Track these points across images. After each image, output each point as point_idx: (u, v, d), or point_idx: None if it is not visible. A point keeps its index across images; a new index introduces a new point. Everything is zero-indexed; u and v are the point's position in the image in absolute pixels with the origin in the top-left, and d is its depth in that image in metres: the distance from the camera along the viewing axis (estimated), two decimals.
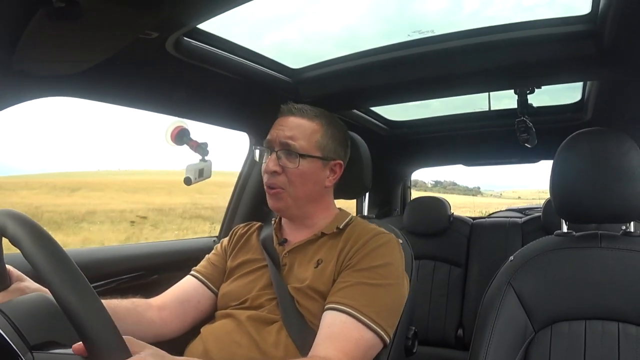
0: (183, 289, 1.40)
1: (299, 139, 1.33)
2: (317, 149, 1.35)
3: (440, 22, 1.55)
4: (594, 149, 1.25)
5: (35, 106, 8.74)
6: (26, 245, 0.71)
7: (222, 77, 1.52)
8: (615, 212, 1.22)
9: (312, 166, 1.34)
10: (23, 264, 0.70)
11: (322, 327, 1.15)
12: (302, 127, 1.35)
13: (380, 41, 1.58)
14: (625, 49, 1.33)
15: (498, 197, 43.51)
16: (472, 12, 1.61)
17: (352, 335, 1.12)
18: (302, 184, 1.33)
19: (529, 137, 2.07)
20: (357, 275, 1.21)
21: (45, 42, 1.02)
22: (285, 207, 1.36)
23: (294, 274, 1.31)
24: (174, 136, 1.56)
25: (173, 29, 1.18)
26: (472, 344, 1.25)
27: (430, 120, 2.69)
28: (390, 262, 1.26)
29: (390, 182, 3.33)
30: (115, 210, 19.23)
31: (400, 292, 1.26)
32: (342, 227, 1.36)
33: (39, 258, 0.70)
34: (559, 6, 1.42)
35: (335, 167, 1.40)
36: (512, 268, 1.28)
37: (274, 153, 1.33)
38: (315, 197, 1.38)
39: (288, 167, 1.31)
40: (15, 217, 0.75)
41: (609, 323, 1.17)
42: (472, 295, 2.68)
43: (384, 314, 1.18)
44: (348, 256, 1.26)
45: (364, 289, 1.19)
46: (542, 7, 1.58)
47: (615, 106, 1.96)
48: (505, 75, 1.67)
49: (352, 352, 1.10)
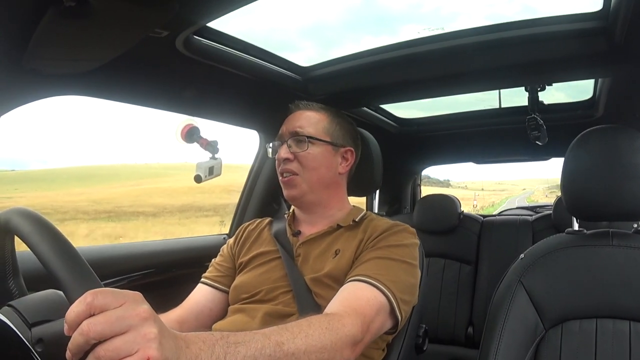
0: (196, 300, 1.40)
1: (306, 126, 1.39)
2: (325, 134, 1.40)
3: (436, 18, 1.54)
4: (605, 146, 1.24)
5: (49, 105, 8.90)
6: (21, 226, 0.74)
7: (231, 75, 1.52)
8: (626, 210, 1.21)
9: (322, 150, 1.38)
10: (33, 261, 0.71)
11: (335, 295, 1.13)
12: (309, 117, 1.42)
13: (346, 32, 1.55)
14: (637, 46, 1.32)
15: (464, 188, 44.99)
16: (482, 9, 1.60)
17: (364, 295, 1.10)
18: (314, 168, 1.37)
19: (539, 134, 2.06)
20: (372, 253, 1.23)
21: (56, 41, 1.02)
22: (300, 194, 1.38)
23: (309, 265, 1.31)
24: (184, 134, 1.56)
25: (183, 28, 1.19)
26: (482, 342, 1.24)
27: (440, 117, 2.68)
28: (406, 245, 1.27)
29: (400, 179, 3.33)
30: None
31: (414, 272, 1.26)
32: (358, 220, 1.37)
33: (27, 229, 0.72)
34: (570, 3, 1.41)
35: (347, 154, 1.44)
36: (523, 266, 1.27)
37: (285, 143, 1.39)
38: (329, 184, 1.41)
39: (298, 153, 1.36)
40: (23, 214, 0.76)
41: (620, 322, 1.16)
42: (483, 293, 2.67)
43: (399, 285, 1.15)
44: (367, 244, 1.27)
45: (378, 262, 1.19)
46: (553, 4, 1.57)
47: (626, 103, 1.95)
48: (516, 73, 1.66)
49: (362, 308, 1.05)
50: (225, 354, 0.71)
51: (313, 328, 0.90)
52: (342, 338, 0.94)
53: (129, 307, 0.61)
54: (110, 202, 44.08)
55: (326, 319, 0.96)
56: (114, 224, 31.65)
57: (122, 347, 0.58)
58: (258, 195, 2.21)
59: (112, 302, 0.60)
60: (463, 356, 2.62)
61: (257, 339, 0.78)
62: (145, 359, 0.58)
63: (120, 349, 0.58)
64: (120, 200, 44.48)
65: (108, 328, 0.58)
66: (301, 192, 1.37)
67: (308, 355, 0.86)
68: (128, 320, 0.59)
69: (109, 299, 0.60)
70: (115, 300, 0.60)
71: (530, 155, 3.04)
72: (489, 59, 1.54)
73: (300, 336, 0.86)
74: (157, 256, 1.86)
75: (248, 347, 0.75)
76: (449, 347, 2.67)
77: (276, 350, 0.79)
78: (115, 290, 0.62)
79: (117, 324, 0.58)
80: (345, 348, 0.95)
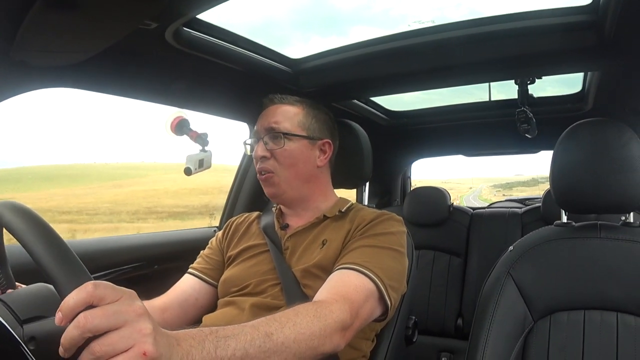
0: (182, 289, 1.40)
1: (281, 122, 1.38)
2: (300, 128, 1.39)
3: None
4: (594, 139, 1.25)
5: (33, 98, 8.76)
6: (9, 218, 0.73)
7: (221, 67, 1.52)
8: (614, 203, 1.22)
9: (299, 146, 1.37)
10: (23, 255, 0.70)
11: (323, 284, 1.13)
12: (284, 111, 1.40)
13: (294, 32, 1.54)
14: (626, 40, 1.33)
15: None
16: (430, 11, 1.58)
17: (351, 281, 1.10)
18: (291, 164, 1.36)
19: (529, 127, 2.06)
20: (359, 242, 1.23)
21: (44, 32, 1.01)
22: (279, 192, 1.38)
23: (297, 257, 1.31)
24: (174, 127, 1.55)
25: (172, 19, 1.18)
26: (472, 333, 1.25)
27: (430, 110, 2.68)
28: (393, 232, 1.28)
29: (390, 172, 3.33)
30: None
31: (402, 260, 1.26)
32: (344, 211, 1.37)
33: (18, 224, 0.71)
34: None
35: (325, 147, 1.43)
36: (512, 258, 1.28)
37: (261, 140, 1.37)
38: (309, 178, 1.40)
39: (275, 150, 1.35)
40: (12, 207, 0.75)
41: (607, 313, 1.17)
42: (472, 285, 2.69)
43: (387, 272, 1.16)
44: (354, 234, 1.27)
45: (365, 250, 1.20)
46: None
47: (615, 97, 1.96)
48: (505, 66, 1.66)
49: (349, 294, 1.05)
50: (215, 348, 0.71)
51: (301, 316, 0.90)
52: (331, 324, 0.95)
53: (125, 302, 0.61)
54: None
55: (314, 306, 0.96)
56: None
57: (119, 342, 0.58)
58: (248, 188, 2.21)
59: (110, 295, 0.60)
60: (452, 347, 2.64)
61: (246, 331, 0.78)
62: (141, 354, 0.58)
63: (117, 343, 0.58)
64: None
65: (105, 321, 0.58)
66: (280, 190, 1.37)
67: (298, 344, 0.86)
68: (124, 315, 0.59)
69: (108, 292, 0.60)
70: (114, 294, 0.61)
71: (520, 148, 3.06)
72: (478, 51, 1.54)
73: (289, 325, 0.86)
74: (147, 249, 1.85)
75: (238, 340, 0.75)
76: (439, 338, 2.69)
77: (266, 341, 0.80)
78: (112, 284, 0.62)
79: (114, 317, 0.58)
80: (335, 334, 0.96)
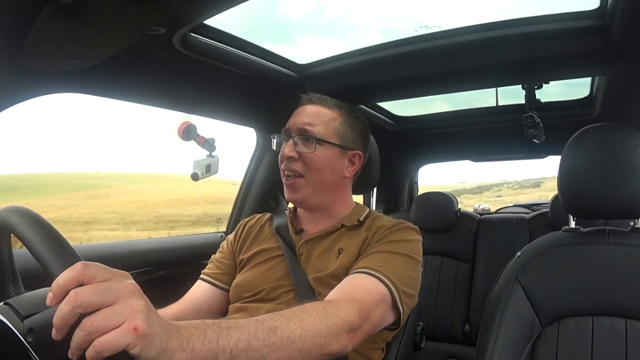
0: (194, 295, 1.37)
1: (316, 125, 1.31)
2: (334, 135, 1.33)
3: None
4: (602, 144, 1.24)
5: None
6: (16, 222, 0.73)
7: (229, 72, 1.52)
8: (623, 208, 1.21)
9: (330, 153, 1.31)
10: (29, 260, 0.71)
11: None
12: (321, 114, 1.34)
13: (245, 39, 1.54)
14: (633, 44, 1.33)
15: None
16: (377, 22, 1.57)
17: (362, 284, 1.07)
18: (319, 170, 1.30)
19: (536, 132, 2.06)
20: (375, 248, 1.20)
21: (53, 38, 1.02)
22: (303, 198, 1.33)
23: (312, 264, 1.28)
24: (181, 132, 1.55)
25: (180, 25, 1.19)
26: (479, 339, 1.24)
27: (437, 115, 2.68)
28: (409, 240, 1.25)
29: (397, 177, 3.33)
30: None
31: (416, 268, 1.22)
32: (362, 220, 1.34)
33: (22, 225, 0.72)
34: (567, 1, 1.41)
35: (355, 158, 1.38)
36: (520, 264, 1.28)
37: (291, 139, 1.32)
38: (333, 187, 1.35)
39: (304, 153, 1.29)
40: (19, 212, 0.76)
41: (616, 319, 1.16)
42: (479, 291, 2.68)
43: (401, 278, 1.13)
44: (370, 242, 1.25)
45: (379, 255, 1.17)
46: (550, 2, 1.57)
47: (623, 101, 1.95)
48: (513, 71, 1.66)
49: (360, 296, 1.03)
50: (217, 338, 0.70)
51: (308, 313, 0.89)
52: (339, 323, 0.93)
53: (117, 280, 0.62)
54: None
55: (321, 305, 0.95)
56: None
57: (109, 318, 0.58)
58: (255, 193, 2.21)
59: (101, 273, 0.61)
60: (460, 353, 2.62)
61: (250, 324, 0.77)
62: (132, 329, 0.58)
63: (107, 319, 0.58)
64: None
65: (96, 297, 0.58)
66: (304, 195, 1.32)
67: (304, 340, 0.84)
68: (115, 292, 0.60)
69: (99, 271, 0.61)
70: (105, 273, 0.61)
71: (527, 153, 3.05)
72: (486, 56, 1.54)
73: (295, 321, 0.85)
74: (154, 254, 1.85)
75: (241, 331, 0.74)
76: (446, 344, 2.68)
77: (270, 335, 0.79)
78: (103, 265, 0.63)
79: (105, 293, 0.59)
80: (342, 334, 0.93)
